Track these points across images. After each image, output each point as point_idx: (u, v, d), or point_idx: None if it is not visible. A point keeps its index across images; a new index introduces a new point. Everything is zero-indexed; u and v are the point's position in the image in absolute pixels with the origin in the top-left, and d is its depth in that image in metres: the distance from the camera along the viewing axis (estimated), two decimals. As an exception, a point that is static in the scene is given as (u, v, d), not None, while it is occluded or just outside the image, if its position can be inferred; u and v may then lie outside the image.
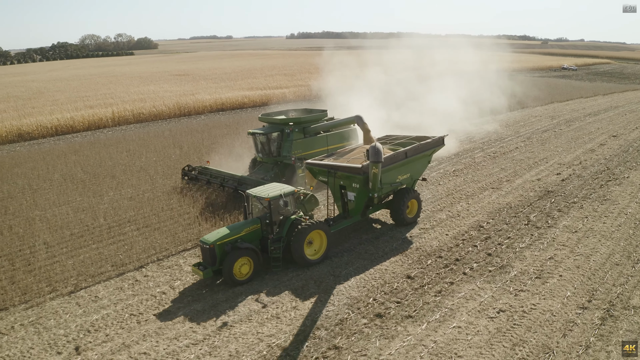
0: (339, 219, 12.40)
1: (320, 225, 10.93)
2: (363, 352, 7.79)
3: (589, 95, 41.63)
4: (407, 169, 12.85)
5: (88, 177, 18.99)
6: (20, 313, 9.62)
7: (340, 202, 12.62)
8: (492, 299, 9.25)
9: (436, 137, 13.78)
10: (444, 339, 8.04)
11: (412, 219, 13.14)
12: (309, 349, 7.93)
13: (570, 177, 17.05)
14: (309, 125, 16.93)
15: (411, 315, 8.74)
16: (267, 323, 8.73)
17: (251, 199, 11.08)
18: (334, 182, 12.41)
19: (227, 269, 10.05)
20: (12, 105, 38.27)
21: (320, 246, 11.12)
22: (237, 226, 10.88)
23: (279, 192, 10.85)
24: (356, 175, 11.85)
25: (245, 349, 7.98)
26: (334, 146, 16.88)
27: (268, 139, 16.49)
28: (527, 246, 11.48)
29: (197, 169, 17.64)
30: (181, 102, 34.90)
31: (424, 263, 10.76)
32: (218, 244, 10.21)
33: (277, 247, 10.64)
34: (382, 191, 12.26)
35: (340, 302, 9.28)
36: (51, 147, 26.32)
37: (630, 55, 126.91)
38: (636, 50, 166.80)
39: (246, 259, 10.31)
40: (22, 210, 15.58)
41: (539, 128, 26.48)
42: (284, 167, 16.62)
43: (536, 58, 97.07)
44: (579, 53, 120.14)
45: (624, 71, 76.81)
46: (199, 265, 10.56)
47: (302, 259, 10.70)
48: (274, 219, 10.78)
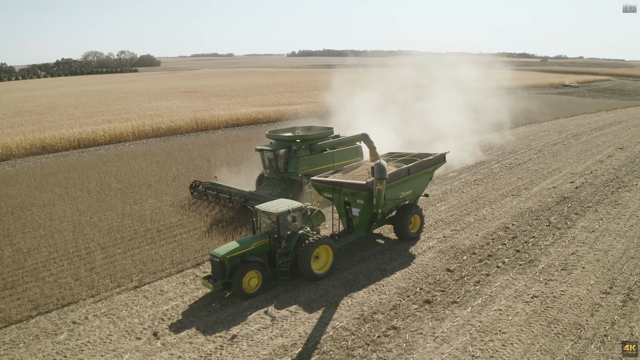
0: (343, 235, 13.05)
1: (326, 241, 11.54)
2: (419, 331, 9.20)
3: (592, 111, 44.34)
4: (410, 185, 13.53)
5: (124, 186, 20.54)
6: (91, 306, 10.95)
7: (345, 217, 13.26)
8: (525, 287, 10.77)
9: (438, 154, 14.52)
10: (488, 319, 9.48)
11: (415, 234, 13.74)
12: (369, 329, 9.33)
13: (583, 185, 18.92)
14: (315, 143, 17.72)
15: (456, 301, 10.22)
16: (330, 308, 10.13)
17: (260, 214, 11.66)
18: (339, 198, 13.04)
19: (237, 282, 10.57)
20: (27, 119, 40.13)
21: (327, 261, 11.72)
22: (246, 240, 11.46)
23: (287, 207, 11.45)
24: (361, 192, 12.47)
25: (313, 331, 9.35)
26: (340, 163, 17.71)
27: (275, 155, 17.27)
28: (550, 244, 13.13)
29: (205, 184, 18.35)
30: (197, 117, 36.92)
31: (460, 258, 12.32)
32: (228, 258, 10.74)
33: (284, 262, 11.22)
34: (386, 207, 12.84)
35: (390, 292, 10.77)
36: (78, 158, 28.01)
37: (630, 72, 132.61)
38: (635, 67, 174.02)
39: (255, 273, 10.86)
40: (66, 216, 17.02)
41: (548, 141, 28.64)
42: (291, 183, 17.34)
43: (537, 75, 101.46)
44: (579, 70, 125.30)
45: (624, 88, 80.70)
46: (209, 278, 11.08)
47: (309, 273, 11.26)
48: (282, 233, 11.34)
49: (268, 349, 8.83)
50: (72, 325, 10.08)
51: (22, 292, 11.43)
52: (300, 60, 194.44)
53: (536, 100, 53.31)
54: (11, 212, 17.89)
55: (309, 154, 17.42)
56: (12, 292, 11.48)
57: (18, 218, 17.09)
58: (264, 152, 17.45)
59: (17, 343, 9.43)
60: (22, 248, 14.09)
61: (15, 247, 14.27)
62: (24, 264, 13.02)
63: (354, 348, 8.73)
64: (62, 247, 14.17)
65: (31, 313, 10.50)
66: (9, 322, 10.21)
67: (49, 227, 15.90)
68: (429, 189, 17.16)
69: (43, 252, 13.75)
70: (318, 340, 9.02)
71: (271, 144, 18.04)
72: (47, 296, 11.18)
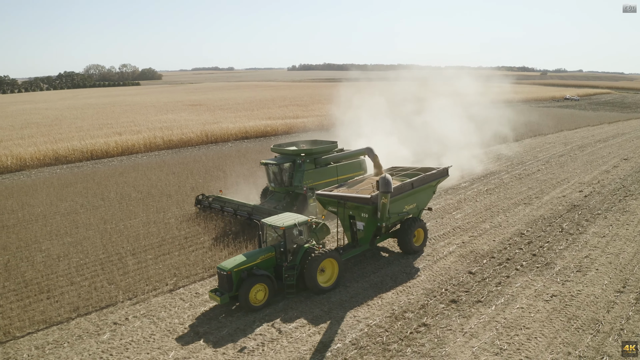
0: (348, 248, 13.38)
1: (332, 254, 11.83)
2: (448, 327, 10.01)
3: (595, 123, 45.92)
4: (413, 199, 13.86)
5: (143, 196, 21.41)
6: (129, 307, 11.68)
7: (350, 231, 13.58)
8: (544, 287, 11.63)
9: (441, 169, 14.89)
10: (511, 316, 10.31)
11: (419, 247, 13.99)
12: (401, 326, 10.12)
13: (591, 193, 19.97)
14: (320, 156, 18.12)
15: (480, 300, 11.05)
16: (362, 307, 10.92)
17: (266, 227, 11.94)
18: (344, 212, 13.35)
19: (244, 295, 10.83)
20: (35, 131, 41.24)
21: (332, 274, 11.98)
22: (253, 254, 11.73)
23: (293, 221, 11.74)
24: (365, 206, 12.76)
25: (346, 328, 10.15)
26: (344, 176, 18.05)
27: (280, 169, 17.63)
28: (564, 248, 14.06)
29: (210, 197, 18.67)
30: (207, 130, 38.12)
31: (480, 262, 13.21)
32: (235, 271, 11.00)
33: (291, 275, 11.48)
34: (390, 220, 13.15)
35: (417, 293, 11.60)
36: (92, 169, 28.98)
37: (630, 85, 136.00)
38: (635, 80, 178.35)
39: (262, 286, 11.13)
40: (91, 224, 17.83)
41: (555, 153, 29.90)
42: (296, 196, 17.65)
43: (538, 89, 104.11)
44: (579, 84, 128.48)
45: (624, 101, 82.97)
46: (216, 291, 11.36)
47: (315, 286, 11.55)
48: (288, 247, 11.59)
49: (308, 345, 9.59)
50: (113, 325, 10.80)
51: (59, 296, 12.17)
52: (301, 74, 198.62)
53: (539, 113, 55.04)
54: (35, 220, 18.69)
55: (313, 167, 17.82)
56: (49, 295, 12.21)
57: (43, 226, 17.89)
58: (269, 165, 17.90)
59: (62, 343, 10.13)
60: (52, 254, 14.86)
61: (44, 253, 15.04)
62: (56, 269, 13.79)
63: (389, 343, 9.52)
64: (92, 253, 14.95)
65: (71, 315, 11.23)
66: (50, 323, 10.93)
67: (76, 235, 16.71)
68: (433, 202, 17.81)
69: (74, 258, 14.53)
70: (354, 336, 9.80)
71: (275, 157, 18.57)
72: (85, 299, 11.93)
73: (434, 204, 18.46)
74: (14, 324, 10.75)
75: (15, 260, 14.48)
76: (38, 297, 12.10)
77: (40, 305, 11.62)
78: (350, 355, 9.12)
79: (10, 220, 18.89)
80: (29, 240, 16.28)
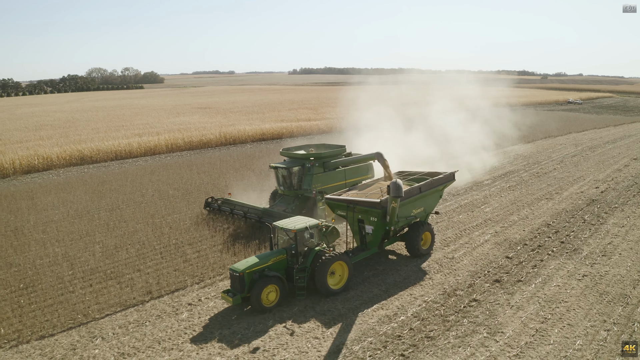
0: (357, 251, 13.92)
1: (342, 257, 12.30)
2: (496, 302, 11.57)
3: (601, 126, 48.21)
4: (421, 203, 14.38)
5: (182, 193, 22.83)
6: (199, 291, 13.00)
7: (359, 235, 14.09)
8: (575, 269, 13.29)
9: (447, 173, 15.45)
10: (550, 292, 11.93)
11: (426, 251, 14.51)
12: (454, 302, 11.66)
13: (607, 189, 21.82)
14: (329, 160, 18.63)
15: (520, 280, 12.66)
16: (416, 287, 12.37)
17: (278, 230, 12.42)
18: (353, 216, 13.82)
19: (256, 296, 11.30)
20: (51, 133, 42.51)
21: (342, 276, 12.45)
22: (265, 256, 12.23)
23: (304, 224, 12.22)
24: (374, 209, 13.24)
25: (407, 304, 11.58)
26: (352, 180, 18.67)
27: (290, 172, 18.18)
28: (589, 236, 15.79)
29: (219, 200, 19.40)
30: (225, 131, 39.68)
31: (515, 248, 14.87)
32: (247, 272, 11.47)
33: (302, 277, 11.94)
34: (399, 224, 13.69)
35: (463, 274, 13.20)
36: (120, 169, 30.38)
37: (631, 88, 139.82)
38: (635, 83, 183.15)
39: (273, 287, 11.60)
40: (138, 218, 19.13)
41: (567, 153, 31.87)
42: (305, 199, 18.17)
43: (540, 92, 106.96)
44: (580, 87, 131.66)
45: (627, 104, 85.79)
46: (228, 292, 11.83)
47: (325, 288, 12.02)
48: (299, 250, 12.07)
49: (375, 317, 11.04)
50: (188, 306, 12.10)
51: (129, 281, 13.49)
52: (303, 78, 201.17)
53: (545, 116, 57.29)
54: (80, 216, 20.02)
55: (322, 171, 18.31)
56: (117, 281, 13.52)
57: (90, 220, 19.23)
58: (279, 169, 18.42)
59: (143, 322, 11.34)
60: (108, 245, 16.22)
61: (100, 244, 16.38)
62: (117, 258, 15.14)
63: (447, 315, 11.04)
64: (148, 244, 16.31)
65: (145, 298, 12.51)
66: (126, 305, 12.18)
67: (126, 228, 18.06)
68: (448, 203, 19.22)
69: (130, 249, 15.87)
70: (415, 310, 11.31)
71: (284, 161, 19.09)
72: (154, 284, 13.20)
73: (452, 203, 20.15)
74: (91, 307, 12.02)
75: (72, 251, 15.81)
76: (106, 283, 13.44)
77: (112, 290, 12.95)
78: (415, 326, 10.63)
79: (55, 215, 20.22)
80: (80, 233, 17.64)
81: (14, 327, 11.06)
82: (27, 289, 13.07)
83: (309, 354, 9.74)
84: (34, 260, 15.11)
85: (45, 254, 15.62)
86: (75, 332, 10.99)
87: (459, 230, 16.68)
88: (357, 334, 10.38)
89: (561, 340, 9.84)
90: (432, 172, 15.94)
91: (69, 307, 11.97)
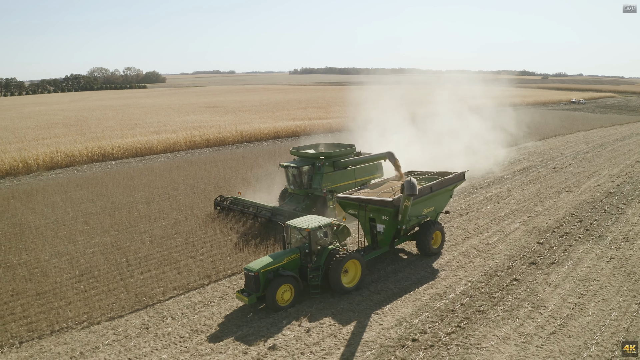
0: (368, 250, 14.25)
1: (355, 255, 12.61)
2: (535, 281, 12.89)
3: (608, 125, 50.07)
4: (431, 203, 14.70)
5: (214, 187, 23.88)
6: None
7: (370, 234, 14.34)
8: (602, 252, 14.69)
9: (458, 173, 15.82)
10: (582, 272, 13.29)
11: (437, 250, 14.85)
12: (497, 281, 12.95)
13: (622, 183, 23.35)
14: (339, 159, 18.94)
15: (554, 262, 14.00)
16: (458, 270, 13.61)
17: (291, 229, 12.63)
18: (365, 214, 14.10)
19: (271, 295, 11.53)
20: (65, 131, 43.38)
21: (355, 275, 12.75)
22: (279, 255, 12.46)
23: (318, 223, 12.42)
24: (386, 208, 13.51)
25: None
26: (361, 179, 19.05)
27: (300, 171, 18.55)
28: (611, 224, 17.22)
29: (229, 199, 19.76)
30: (241, 129, 40.81)
31: (544, 235, 16.23)
32: (262, 272, 11.69)
33: (316, 275, 12.18)
34: (410, 223, 13.98)
35: (501, 258, 14.50)
36: (144, 165, 31.40)
37: (632, 88, 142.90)
38: (635, 84, 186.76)
39: (288, 286, 11.82)
40: (178, 209, 20.09)
41: (580, 150, 33.48)
42: (315, 198, 18.53)
43: (544, 92, 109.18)
44: (582, 87, 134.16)
45: (629, 104, 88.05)
46: (243, 291, 12.03)
47: (339, 286, 12.33)
48: (312, 248, 12.27)
49: (426, 296, 12.26)
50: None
51: (184, 267, 14.52)
52: (304, 78, 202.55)
53: (551, 115, 58.99)
54: (118, 208, 21.02)
55: (332, 170, 18.67)
56: (173, 267, 14.51)
57: (130, 212, 20.26)
58: (289, 168, 18.78)
59: (208, 303, 12.33)
60: (155, 235, 17.20)
61: (147, 234, 17.34)
62: (167, 246, 16.12)
63: (492, 293, 12.31)
64: (193, 233, 17.31)
65: (204, 282, 13.51)
66: (187, 289, 13.15)
67: (167, 219, 19.06)
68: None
69: (177, 238, 16.87)
70: (462, 289, 12.56)
71: (294, 160, 19.49)
72: (210, 269, 14.20)
73: (477, 196, 21.44)
74: (154, 290, 13.00)
75: (120, 241, 16.84)
76: (163, 268, 14.44)
77: (170, 275, 13.96)
78: (465, 302, 11.88)
79: (92, 208, 21.23)
80: (123, 224, 18.68)
81: (81, 310, 12.05)
82: (83, 275, 14.12)
83: (372, 327, 10.94)
84: (84, 249, 16.15)
85: (93, 243, 16.67)
86: (144, 312, 11.98)
87: (489, 220, 18.01)
88: (414, 310, 11.62)
89: (598, 313, 11.18)
90: (443, 172, 16.33)
91: (131, 290, 13.01)
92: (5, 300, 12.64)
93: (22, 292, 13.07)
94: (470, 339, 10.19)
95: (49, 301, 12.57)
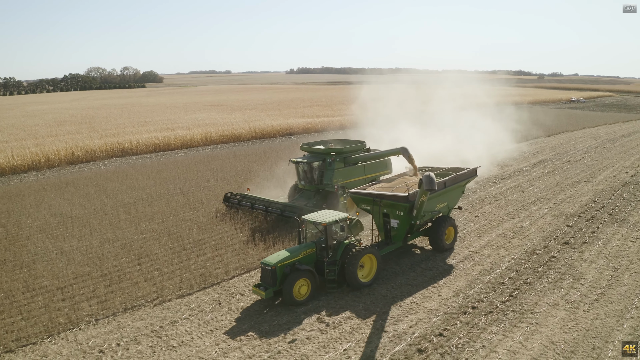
0: (382, 245, 14.42)
1: (371, 250, 12.79)
2: (571, 258, 14.32)
3: (611, 122, 52.34)
4: (445, 198, 14.91)
5: (243, 180, 24.92)
6: None
7: (384, 229, 14.59)
8: (627, 233, 16.22)
9: (470, 169, 16.09)
10: (613, 250, 14.80)
11: (450, 245, 15.10)
12: (537, 258, 14.32)
13: (636, 174, 25.11)
14: (350, 155, 19.38)
15: (585, 242, 15.50)
16: (499, 249, 14.98)
17: (307, 224, 12.77)
18: (379, 210, 14.25)
19: (288, 289, 11.63)
20: (74, 128, 44.05)
21: (371, 269, 12.92)
22: (295, 249, 12.59)
23: (334, 218, 12.55)
24: (401, 204, 13.74)
25: None
26: (371, 175, 19.46)
27: (311, 167, 18.90)
28: (632, 210, 18.82)
29: (238, 195, 20.14)
30: (254, 126, 42.07)
31: (571, 219, 17.73)
32: (279, 266, 11.82)
33: (332, 270, 12.35)
34: (423, 218, 14.29)
35: (536, 239, 15.93)
36: (165, 159, 32.37)
37: (628, 88, 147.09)
38: (631, 83, 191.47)
39: (305, 281, 11.93)
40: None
41: (590, 145, 35.40)
42: (325, 194, 18.94)
43: (542, 92, 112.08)
44: (579, 87, 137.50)
45: (628, 103, 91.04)
46: (259, 286, 12.14)
47: (355, 281, 12.52)
48: (329, 243, 12.43)
49: (475, 271, 13.53)
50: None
51: (240, 250, 15.37)
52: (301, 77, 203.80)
53: (554, 113, 61.07)
54: (155, 199, 21.94)
55: (342, 166, 19.07)
56: (229, 250, 15.39)
57: (168, 202, 21.17)
58: (299, 164, 19.20)
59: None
60: (200, 222, 18.10)
61: (190, 221, 18.25)
62: (216, 232, 17.04)
63: (535, 268, 13.70)
64: (239, 220, 18.17)
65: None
66: (247, 269, 13.97)
67: (208, 207, 20.03)
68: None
69: (224, 225, 17.67)
70: (507, 265, 13.92)
71: (305, 156, 19.96)
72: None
73: (501, 186, 22.87)
74: (216, 270, 13.87)
75: (167, 227, 17.64)
76: (218, 252, 15.31)
77: (227, 257, 14.91)
78: (512, 275, 13.21)
79: (129, 199, 22.15)
80: (164, 213, 19.61)
81: (150, 289, 12.85)
82: (141, 259, 15.02)
83: (432, 298, 12.13)
84: (132, 236, 17.06)
85: (140, 230, 17.59)
86: (212, 290, 12.83)
87: (518, 206, 19.49)
88: (466, 283, 12.93)
89: (633, 283, 12.63)
90: (455, 168, 16.60)
91: (194, 271, 13.93)
92: (70, 282, 13.50)
93: (85, 274, 13.92)
94: (524, 305, 11.55)
95: (114, 282, 13.49)
